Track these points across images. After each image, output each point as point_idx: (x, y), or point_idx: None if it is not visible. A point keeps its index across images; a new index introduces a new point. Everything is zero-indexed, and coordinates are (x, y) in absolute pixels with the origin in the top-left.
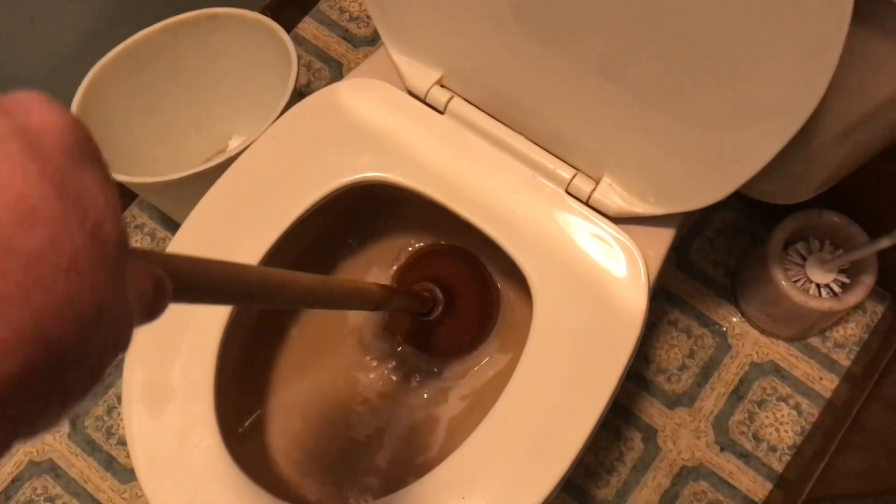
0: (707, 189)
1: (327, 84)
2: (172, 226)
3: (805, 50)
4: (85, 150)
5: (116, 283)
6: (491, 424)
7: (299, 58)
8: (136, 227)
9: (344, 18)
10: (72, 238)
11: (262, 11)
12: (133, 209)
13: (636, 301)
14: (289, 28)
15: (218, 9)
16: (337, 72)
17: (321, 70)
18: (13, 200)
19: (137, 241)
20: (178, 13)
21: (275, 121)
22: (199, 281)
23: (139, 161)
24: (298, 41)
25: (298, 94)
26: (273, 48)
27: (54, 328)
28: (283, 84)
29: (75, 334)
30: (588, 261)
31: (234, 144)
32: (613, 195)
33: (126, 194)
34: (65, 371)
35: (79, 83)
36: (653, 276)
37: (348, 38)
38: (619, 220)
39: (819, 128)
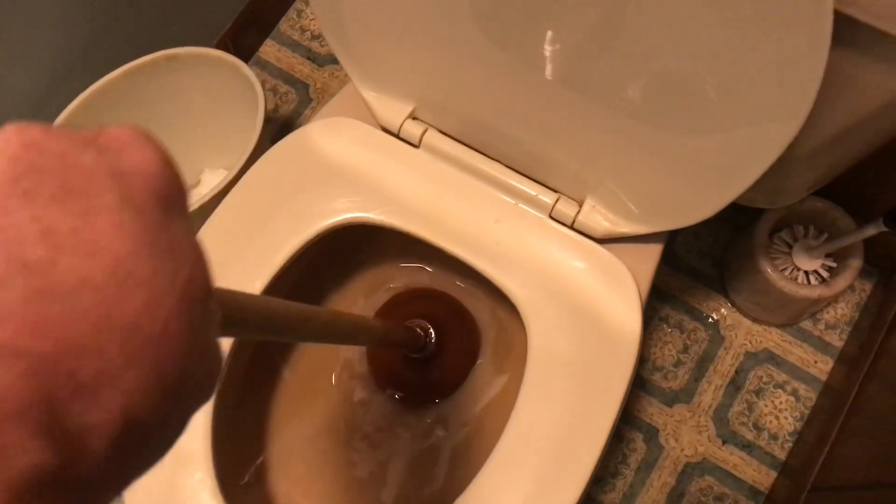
0: (692, 208)
1: (295, 108)
2: None
3: (788, 66)
4: (174, 195)
5: (202, 338)
6: (496, 460)
7: (264, 83)
8: None
9: (305, 38)
10: (164, 302)
11: (222, 38)
12: None
13: (630, 323)
14: (251, 52)
15: (177, 49)
16: (304, 93)
17: (288, 93)
18: (112, 264)
19: None
20: (135, 57)
21: (246, 164)
22: (235, 314)
23: None
24: (262, 65)
25: (266, 121)
26: (237, 81)
27: (141, 407)
28: (250, 114)
29: (160, 408)
30: (578, 286)
31: (207, 178)
32: (598, 217)
33: None
34: (147, 443)
35: None
36: (644, 294)
37: (312, 57)
38: (607, 240)
39: (799, 142)
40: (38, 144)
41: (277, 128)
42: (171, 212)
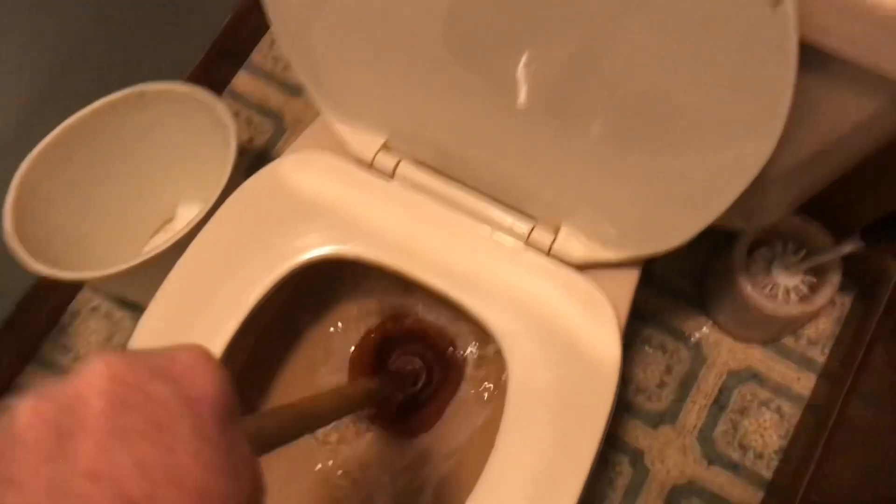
0: (669, 233)
1: (270, 137)
2: (126, 306)
3: (757, 85)
4: (230, 409)
5: None
6: (480, 493)
7: (238, 114)
8: (92, 309)
9: (279, 68)
10: None
11: (194, 70)
12: (85, 292)
13: (609, 351)
14: (224, 84)
15: (145, 85)
16: (278, 124)
17: (261, 124)
18: (197, 490)
19: (93, 325)
20: (106, 93)
21: (220, 199)
22: (258, 440)
23: (85, 249)
24: (235, 96)
25: (241, 152)
26: (209, 115)
27: None
28: (224, 147)
29: None
30: (556, 315)
31: (183, 212)
32: (574, 244)
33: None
34: None
35: (9, 181)
36: (623, 320)
37: (286, 87)
38: (584, 267)
39: (775, 164)
40: (123, 379)
41: (252, 158)
42: (227, 425)
